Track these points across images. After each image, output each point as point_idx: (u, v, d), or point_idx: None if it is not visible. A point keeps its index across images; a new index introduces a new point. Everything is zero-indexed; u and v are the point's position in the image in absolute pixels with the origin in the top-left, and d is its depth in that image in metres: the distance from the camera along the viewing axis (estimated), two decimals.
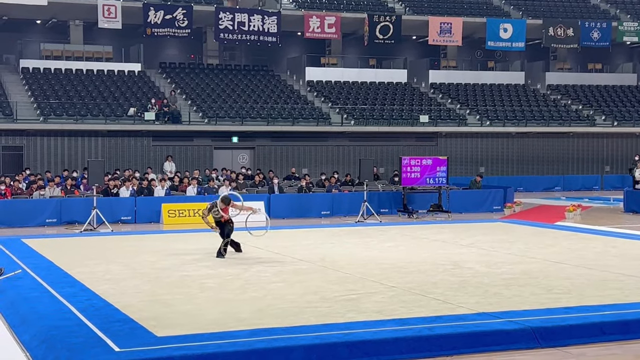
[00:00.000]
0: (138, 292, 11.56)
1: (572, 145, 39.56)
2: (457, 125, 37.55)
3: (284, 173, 32.69)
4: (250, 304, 10.59)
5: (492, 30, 38.99)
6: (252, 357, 8.06)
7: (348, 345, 8.44)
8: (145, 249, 16.66)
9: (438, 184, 24.91)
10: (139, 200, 23.17)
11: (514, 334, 8.99)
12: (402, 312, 10.03)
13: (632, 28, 41.35)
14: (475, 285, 11.96)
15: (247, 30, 35.50)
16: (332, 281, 12.43)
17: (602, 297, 10.95)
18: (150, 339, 8.60)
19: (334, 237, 18.77)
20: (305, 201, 24.74)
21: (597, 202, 30.02)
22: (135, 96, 34.71)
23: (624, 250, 16.13)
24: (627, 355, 8.65)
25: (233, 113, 34.72)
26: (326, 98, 37.92)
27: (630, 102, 41.90)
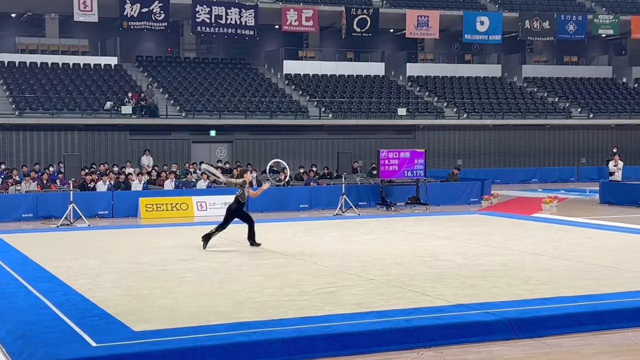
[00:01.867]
0: (115, 286, 11.52)
1: (549, 137, 39.83)
2: (434, 118, 37.66)
3: (262, 167, 32.62)
4: (228, 298, 10.58)
5: (468, 23, 39.13)
6: (230, 351, 8.05)
7: (326, 338, 8.45)
8: (122, 243, 16.59)
9: (416, 177, 24.99)
10: (116, 194, 23.05)
11: (490, 325, 9.04)
12: (380, 304, 10.06)
13: (607, 21, 41.65)
14: (452, 277, 12.02)
15: (224, 24, 35.38)
16: (311, 274, 12.44)
17: (578, 288, 11.04)
18: (128, 334, 8.57)
19: (312, 230, 18.79)
20: (283, 194, 24.73)
21: (573, 194, 30.25)
22: (111, 90, 34.49)
23: (600, 241, 16.27)
24: (603, 345, 8.73)
25: (211, 107, 34.61)
26: (304, 91, 37.89)
27: (606, 95, 42.24)
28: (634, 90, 43.34)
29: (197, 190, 24.43)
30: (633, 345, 8.72)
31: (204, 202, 23.25)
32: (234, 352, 8.04)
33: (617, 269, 12.71)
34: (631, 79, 44.12)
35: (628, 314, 9.62)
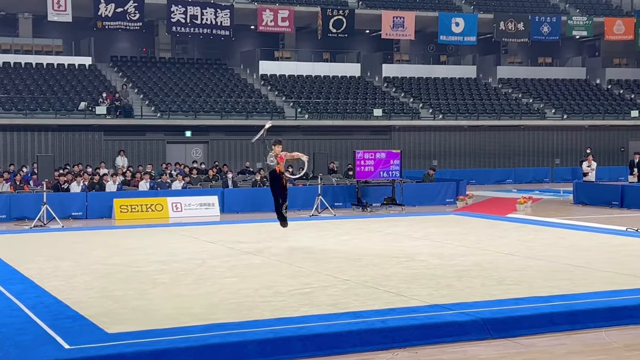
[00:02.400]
0: (89, 288, 11.42)
1: (523, 138, 40.09)
2: (410, 119, 37.77)
3: (238, 167, 32.58)
4: (203, 299, 10.53)
5: (444, 25, 39.30)
6: (205, 353, 8.01)
7: (302, 339, 8.44)
8: (96, 244, 16.46)
9: (391, 177, 25.05)
10: (90, 195, 22.89)
11: (465, 326, 9.07)
12: (356, 305, 10.06)
13: (581, 22, 42.02)
14: (427, 278, 12.05)
15: (199, 24, 35.26)
16: (286, 275, 12.42)
17: (552, 288, 11.11)
18: (101, 336, 8.50)
19: (288, 231, 18.70)
20: (259, 195, 24.66)
21: (547, 194, 30.47)
22: (86, 90, 34.25)
23: (573, 241, 16.39)
24: (576, 344, 8.79)
25: (186, 107, 34.47)
26: (280, 92, 37.86)
27: (580, 96, 42.59)
28: (608, 91, 43.75)
29: (172, 191, 24.32)
30: (606, 344, 8.79)
31: (179, 203, 23.15)
32: (208, 354, 8.00)
33: (590, 269, 12.81)
34: (605, 80, 44.53)
35: (601, 314, 9.69)
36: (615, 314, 9.71)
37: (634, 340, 8.94)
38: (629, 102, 42.69)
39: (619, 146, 41.56)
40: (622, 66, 46.03)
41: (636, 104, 42.47)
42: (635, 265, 13.15)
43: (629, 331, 9.33)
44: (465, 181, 29.20)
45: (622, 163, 39.30)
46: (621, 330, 9.34)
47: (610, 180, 33.04)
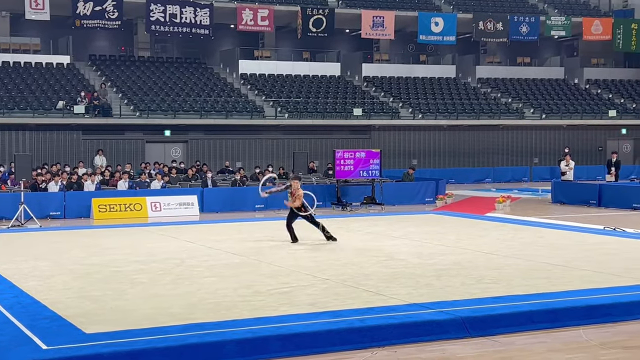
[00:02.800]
0: (67, 288, 11.34)
1: (502, 137, 40.27)
2: (390, 119, 37.84)
3: (217, 167, 32.49)
4: (182, 299, 10.48)
5: (423, 24, 39.40)
6: (183, 353, 7.97)
7: (280, 339, 8.42)
8: (74, 244, 16.35)
9: (371, 177, 25.07)
10: (69, 195, 22.73)
11: (444, 324, 9.09)
12: (335, 304, 10.05)
13: (560, 22, 42.28)
14: (407, 277, 12.07)
15: (178, 23, 35.12)
16: (266, 275, 12.39)
17: (530, 287, 11.16)
18: (79, 336, 8.44)
19: (267, 230, 18.74)
20: (239, 195, 24.62)
21: (526, 194, 30.62)
22: (64, 89, 34.02)
23: (552, 240, 16.48)
24: (555, 343, 8.83)
25: (165, 106, 34.33)
26: (260, 91, 37.79)
27: (558, 95, 42.85)
28: (586, 91, 44.04)
29: (151, 190, 24.20)
30: (584, 342, 8.84)
31: (158, 202, 23.04)
32: (187, 354, 7.96)
33: (568, 267, 12.88)
34: (583, 80, 44.83)
35: (579, 312, 9.75)
36: (592, 312, 9.78)
37: (610, 338, 9.00)
38: (607, 101, 43.01)
39: (596, 145, 41.87)
40: (600, 66, 46.36)
41: (614, 103, 42.79)
42: (613, 263, 13.25)
43: (606, 329, 9.40)
44: (445, 180, 29.29)
45: (599, 162, 39.58)
46: (598, 328, 9.40)
47: (588, 179, 33.27)
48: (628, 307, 9.99)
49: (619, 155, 32.16)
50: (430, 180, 27.79)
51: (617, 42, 42.69)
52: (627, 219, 20.89)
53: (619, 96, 43.86)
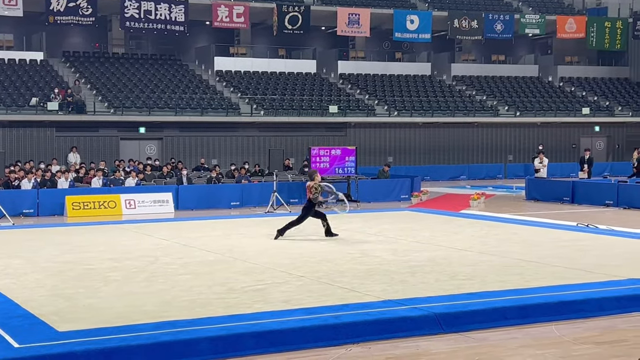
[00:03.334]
0: (39, 286, 11.26)
1: (477, 135, 40.49)
2: (365, 116, 37.90)
3: (193, 164, 32.39)
4: (155, 297, 10.44)
5: (399, 22, 39.50)
6: (156, 350, 7.93)
7: (254, 336, 8.41)
8: (48, 242, 16.23)
9: (347, 174, 25.10)
10: (42, 192, 22.55)
11: (418, 321, 9.13)
12: (309, 301, 10.06)
13: (534, 20, 42.56)
14: (381, 273, 12.10)
15: (153, 19, 34.93)
16: (240, 272, 12.37)
17: (504, 283, 11.24)
18: (52, 334, 8.38)
19: (243, 227, 18.70)
20: (214, 192, 24.56)
21: (500, 191, 30.81)
22: (37, 86, 33.74)
23: (525, 236, 16.60)
24: (526, 338, 8.90)
25: (140, 103, 34.14)
26: (235, 88, 37.71)
27: (532, 93, 43.15)
28: (559, 88, 44.39)
29: (126, 188, 24.05)
30: (556, 338, 8.91)
31: (133, 200, 22.92)
32: (160, 352, 7.93)
33: (541, 263, 12.98)
34: (557, 77, 45.17)
35: (551, 308, 9.82)
36: (565, 308, 9.86)
37: (582, 333, 9.09)
38: (580, 99, 43.37)
39: (570, 143, 42.21)
40: (573, 64, 46.75)
41: (587, 101, 43.17)
42: (585, 260, 13.37)
43: (578, 325, 9.48)
44: (420, 177, 29.38)
45: (573, 159, 39.92)
46: (570, 324, 9.48)
47: (562, 176, 33.54)
48: (600, 303, 10.09)
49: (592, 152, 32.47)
50: (406, 178, 27.87)
51: (590, 40, 43.08)
52: (600, 216, 21.10)
53: (592, 94, 44.25)
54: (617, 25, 43.59)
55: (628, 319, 9.76)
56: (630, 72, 46.39)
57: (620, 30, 43.54)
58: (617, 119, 42.45)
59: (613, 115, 42.46)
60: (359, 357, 8.17)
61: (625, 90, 45.12)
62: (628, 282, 11.20)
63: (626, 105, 43.11)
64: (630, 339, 8.86)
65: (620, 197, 23.58)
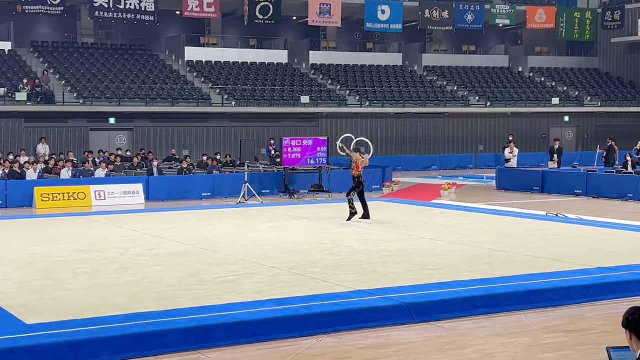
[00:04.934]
0: (7, 279, 11.13)
1: (448, 125, 40.64)
2: (337, 106, 37.88)
3: (164, 155, 32.18)
4: (125, 289, 10.37)
5: (370, 12, 39.47)
6: (125, 342, 7.88)
7: (224, 327, 8.39)
8: (16, 234, 16.06)
9: (319, 165, 25.10)
10: (10, 184, 22.29)
11: (388, 310, 9.16)
12: (281, 292, 10.05)
13: (504, 11, 42.75)
14: (352, 264, 12.12)
15: (123, 9, 34.59)
16: (211, 263, 12.33)
17: (473, 272, 11.30)
18: (19, 327, 8.30)
19: (214, 219, 18.63)
20: (185, 183, 24.43)
21: (471, 181, 30.98)
22: (5, 76, 33.32)
23: (495, 226, 16.71)
24: (496, 327, 8.96)
25: (110, 93, 33.84)
26: (206, 78, 37.50)
27: (502, 83, 43.37)
28: (529, 79, 44.67)
29: (96, 179, 23.86)
30: (525, 326, 8.98)
31: (103, 191, 22.74)
32: (129, 344, 7.88)
33: (510, 253, 13.08)
34: (527, 68, 45.44)
35: (520, 297, 9.91)
36: (533, 297, 9.95)
37: (551, 322, 9.17)
38: (550, 89, 43.68)
39: (540, 133, 42.52)
40: (543, 54, 47.05)
41: (557, 91, 43.48)
42: (554, 249, 13.49)
43: (547, 313, 9.57)
44: (392, 168, 29.45)
45: (543, 149, 40.20)
46: (539, 313, 9.56)
47: (532, 166, 33.78)
48: (568, 292, 10.19)
49: (561, 142, 32.70)
50: (377, 168, 27.91)
51: (560, 30, 43.38)
52: (570, 205, 21.29)
53: (562, 84, 44.57)
54: (587, 15, 43.94)
55: (596, 308, 9.87)
56: (599, 63, 46.79)
57: (589, 20, 43.90)
58: (587, 109, 42.80)
59: (582, 106, 42.82)
60: (330, 348, 8.18)
61: (595, 80, 45.51)
62: (596, 271, 11.32)
63: (595, 95, 43.49)
64: (598, 328, 8.95)
65: (589, 186, 23.81)
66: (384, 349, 8.14)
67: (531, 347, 8.18)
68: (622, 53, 45.54)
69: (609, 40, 44.93)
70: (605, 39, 45.43)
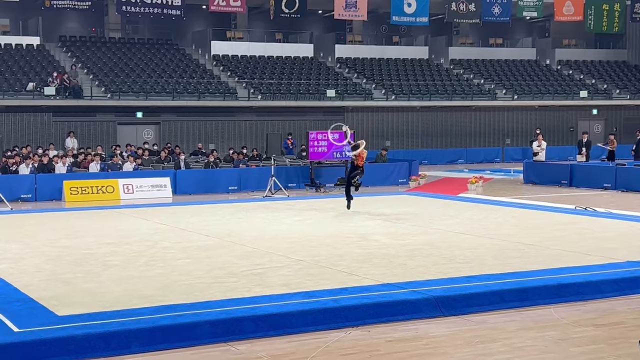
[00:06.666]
0: (38, 271, 11.26)
1: (475, 118, 40.43)
2: (363, 100, 37.83)
3: (190, 149, 32.34)
4: (155, 281, 10.45)
5: (396, 5, 39.29)
6: (156, 334, 7.94)
7: (254, 320, 8.42)
8: (46, 227, 16.23)
9: (345, 158, 25.07)
10: (40, 177, 22.52)
11: (417, 304, 9.14)
12: (309, 285, 10.07)
13: (532, 3, 42.38)
14: (380, 257, 12.11)
15: (150, 3, 34.74)
16: (239, 256, 12.38)
17: (503, 266, 11.25)
18: (51, 319, 8.39)
19: (241, 212, 18.70)
20: (212, 176, 24.53)
21: (498, 174, 30.81)
22: (34, 70, 33.62)
23: (523, 220, 16.62)
24: (525, 321, 8.92)
25: (137, 88, 34.04)
26: (232, 72, 37.59)
27: (530, 76, 43.06)
28: (557, 72, 44.31)
29: (124, 172, 24.03)
30: (555, 320, 8.94)
31: (131, 184, 22.90)
32: (159, 336, 7.94)
33: (539, 246, 13.00)
34: (554, 60, 45.07)
35: (550, 291, 9.85)
36: (563, 290, 9.89)
37: (581, 316, 9.11)
38: (578, 82, 43.30)
39: (568, 126, 42.18)
40: (571, 47, 46.63)
41: (585, 84, 43.10)
42: (583, 242, 13.39)
43: (577, 307, 9.51)
44: (418, 161, 29.36)
45: (571, 142, 39.90)
46: (569, 307, 9.51)
47: (560, 159, 33.51)
48: (598, 286, 10.12)
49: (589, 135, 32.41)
50: (404, 162, 27.84)
51: (588, 23, 42.92)
52: (598, 199, 21.12)
53: (590, 77, 44.17)
54: (615, 7, 43.42)
55: (626, 302, 9.79)
56: (628, 55, 46.30)
57: (618, 12, 43.40)
58: (615, 101, 42.39)
59: (611, 98, 42.41)
60: (358, 340, 8.19)
61: (623, 73, 45.05)
62: (626, 265, 11.23)
63: (624, 88, 43.05)
64: (628, 322, 8.89)
65: (618, 180, 23.58)
66: (413, 342, 8.14)
67: (561, 340, 8.14)
68: None
69: (638, 32, 44.44)
70: (634, 31, 44.94)
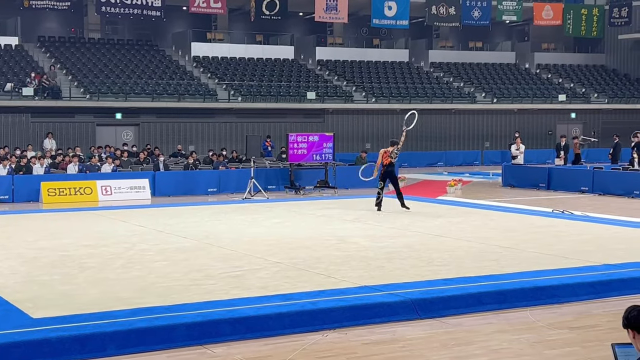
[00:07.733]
0: (13, 273, 11.16)
1: (454, 121, 40.60)
2: (343, 102, 37.88)
3: (170, 150, 32.23)
4: (132, 283, 10.39)
5: (377, 8, 39.39)
6: (132, 337, 7.90)
7: (231, 322, 8.39)
8: (22, 228, 16.11)
9: (324, 160, 25.09)
10: (17, 178, 22.35)
11: (394, 306, 9.15)
12: (286, 287, 10.06)
13: (511, 7, 42.64)
14: (358, 260, 12.12)
15: (129, 4, 34.61)
16: (217, 258, 12.34)
17: (480, 269, 11.29)
18: (26, 321, 8.32)
19: (220, 214, 18.66)
20: (191, 178, 24.46)
21: (477, 177, 30.94)
22: (12, 71, 33.38)
23: (501, 222, 16.70)
24: (502, 323, 8.96)
25: (116, 89, 33.89)
26: (212, 74, 37.52)
27: (509, 80, 43.30)
28: (536, 75, 44.59)
29: (102, 174, 23.91)
30: (531, 323, 8.98)
31: (109, 186, 22.78)
32: (135, 338, 7.89)
33: (517, 249, 13.07)
34: (533, 64, 45.35)
35: (527, 293, 9.89)
36: (539, 293, 9.93)
37: (557, 319, 9.16)
38: (557, 86, 43.60)
39: (546, 129, 42.45)
40: (550, 51, 46.96)
41: (563, 88, 43.40)
42: (560, 245, 13.47)
43: (553, 310, 9.56)
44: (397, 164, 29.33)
45: (549, 146, 40.15)
46: (545, 309, 9.56)
47: (538, 162, 33.72)
48: (574, 289, 10.17)
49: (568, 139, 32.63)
50: None
51: (567, 27, 43.25)
52: (575, 202, 21.26)
53: (568, 81, 44.48)
54: (594, 12, 43.80)
55: (602, 304, 9.85)
56: (606, 59, 46.68)
57: (596, 17, 43.77)
58: (593, 105, 42.73)
59: (589, 102, 42.73)
60: (335, 343, 8.19)
61: (602, 77, 45.41)
62: (602, 268, 11.30)
63: (602, 92, 43.40)
64: (603, 324, 8.94)
65: (595, 183, 23.76)
66: (390, 345, 8.14)
67: (536, 343, 8.18)
68: (629, 50, 45.43)
69: (616, 36, 44.82)
70: (613, 35, 45.32)
